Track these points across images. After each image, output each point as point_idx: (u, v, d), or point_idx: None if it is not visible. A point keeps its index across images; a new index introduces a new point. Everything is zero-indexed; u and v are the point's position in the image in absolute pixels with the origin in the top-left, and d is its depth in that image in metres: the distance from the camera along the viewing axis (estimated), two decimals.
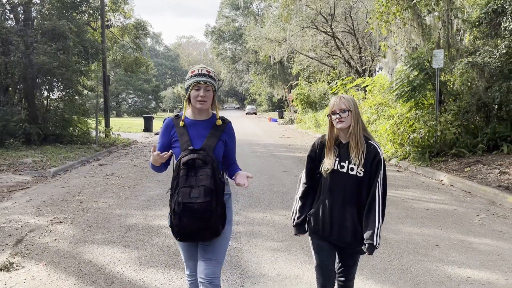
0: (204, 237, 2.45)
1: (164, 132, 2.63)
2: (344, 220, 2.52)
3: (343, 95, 2.60)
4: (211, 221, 2.38)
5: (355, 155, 2.50)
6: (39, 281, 3.83)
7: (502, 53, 9.63)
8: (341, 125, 2.52)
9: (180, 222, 2.38)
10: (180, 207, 2.36)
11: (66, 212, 6.26)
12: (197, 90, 2.53)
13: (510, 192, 7.22)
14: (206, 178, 2.39)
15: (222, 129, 2.61)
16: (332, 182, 2.56)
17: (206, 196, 2.35)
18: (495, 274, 3.97)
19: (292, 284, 3.73)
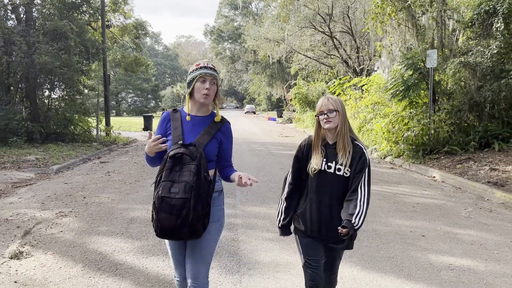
0: (183, 236, 2.36)
1: (161, 124, 2.61)
2: (331, 220, 2.55)
3: (330, 95, 2.65)
4: (188, 219, 2.29)
5: (342, 155, 2.54)
6: (48, 267, 4.09)
7: (493, 53, 9.90)
8: (329, 125, 2.55)
9: (158, 216, 2.31)
10: (158, 201, 2.30)
11: (71, 206, 6.52)
12: (202, 82, 2.47)
13: (499, 188, 7.49)
14: (189, 174, 2.33)
15: (218, 127, 2.56)
16: (319, 182, 2.59)
17: (186, 193, 2.28)
18: (475, 261, 4.24)
19: (285, 270, 3.99)
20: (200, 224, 2.36)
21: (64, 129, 15.15)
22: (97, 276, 3.88)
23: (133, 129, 24.98)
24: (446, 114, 10.95)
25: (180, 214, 2.28)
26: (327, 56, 28.42)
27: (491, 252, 4.49)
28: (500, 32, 10.19)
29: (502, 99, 10.24)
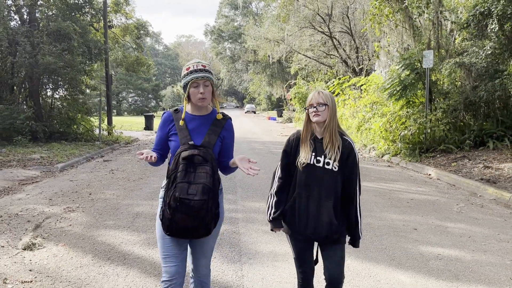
0: (198, 235, 2.43)
1: (163, 125, 2.62)
2: (319, 214, 2.54)
3: (322, 90, 2.65)
4: (205, 220, 2.36)
5: (331, 150, 2.55)
6: (60, 257, 4.33)
7: (487, 53, 10.14)
8: (317, 118, 2.56)
9: (173, 217, 2.33)
10: (176, 202, 2.31)
11: (77, 202, 6.77)
12: (195, 87, 2.49)
13: (491, 185, 7.74)
14: (206, 176, 2.36)
15: (221, 125, 2.59)
16: (308, 176, 2.58)
17: (204, 195, 2.32)
18: (463, 252, 4.49)
19: (283, 259, 4.24)
20: (212, 223, 2.44)
21: (67, 128, 15.41)
22: (107, 265, 4.13)
23: (135, 128, 25.25)
24: (442, 113, 11.19)
25: (198, 216, 2.32)
26: (326, 56, 28.68)
27: (479, 244, 4.74)
28: (494, 33, 10.42)
29: (496, 99, 10.49)
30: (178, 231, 2.38)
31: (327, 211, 2.53)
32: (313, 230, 2.56)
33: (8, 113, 13.44)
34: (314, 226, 2.55)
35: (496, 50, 10.64)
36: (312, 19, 25.66)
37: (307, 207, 2.57)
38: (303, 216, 2.57)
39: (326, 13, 25.50)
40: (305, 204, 2.57)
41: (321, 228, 2.53)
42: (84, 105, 16.41)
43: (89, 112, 16.77)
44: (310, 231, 2.56)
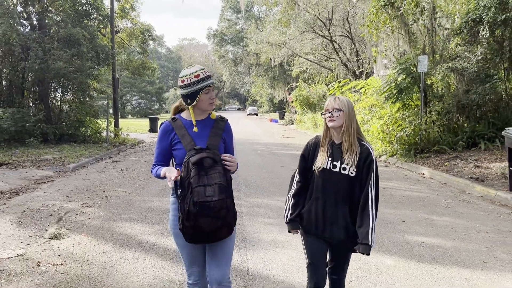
0: (222, 236, 2.46)
1: (163, 136, 2.62)
2: (336, 219, 2.59)
3: (339, 96, 2.69)
4: (227, 218, 2.41)
5: (349, 155, 2.57)
6: (84, 245, 4.86)
7: (478, 59, 10.64)
8: (332, 123, 2.60)
9: (196, 223, 2.34)
10: (196, 207, 2.33)
11: (93, 199, 7.30)
12: (207, 93, 2.56)
13: (479, 183, 8.24)
14: (219, 176, 2.41)
15: (222, 127, 2.65)
16: (325, 181, 2.61)
17: (222, 194, 2.36)
18: (444, 240, 5.00)
19: (283, 246, 4.76)
20: (233, 221, 2.48)
21: (76, 130, 15.96)
22: (126, 251, 4.66)
23: (139, 130, 25.79)
24: (437, 115, 11.70)
25: (219, 216, 2.36)
26: (327, 59, 29.22)
27: (460, 234, 5.25)
28: (485, 39, 10.95)
29: (487, 102, 10.98)
30: (203, 236, 2.40)
31: (343, 215, 2.59)
32: (330, 234, 2.61)
33: (20, 116, 14.00)
34: (331, 230, 2.60)
35: (488, 55, 11.17)
36: (313, 23, 26.22)
37: (324, 211, 2.61)
38: (320, 220, 2.62)
39: (327, 17, 26.06)
40: (322, 208, 2.61)
41: (338, 231, 2.59)
42: (92, 108, 16.97)
43: (96, 115, 17.34)
44: (327, 234, 2.61)
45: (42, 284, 3.83)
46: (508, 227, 5.59)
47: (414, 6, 11.78)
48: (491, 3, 10.70)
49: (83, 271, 4.12)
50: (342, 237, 2.59)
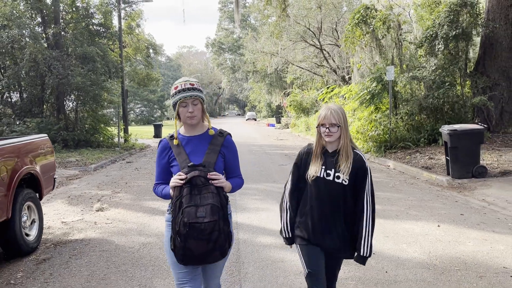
0: (214, 259, 2.38)
1: (161, 154, 2.59)
2: (331, 227, 2.59)
3: (333, 107, 2.63)
4: (218, 242, 2.31)
5: (343, 165, 2.57)
6: (123, 213, 6.87)
7: (432, 69, 12.68)
8: (330, 139, 2.59)
9: (186, 244, 2.27)
10: (186, 228, 2.25)
11: (119, 188, 9.31)
12: (184, 106, 2.47)
13: (427, 170, 10.23)
14: (212, 196, 2.33)
15: (220, 142, 2.55)
16: (319, 190, 2.60)
17: (214, 215, 2.28)
18: (377, 206, 6.99)
19: (262, 210, 6.76)
20: (227, 244, 2.39)
21: (91, 137, 17.98)
22: (153, 215, 6.67)
23: (144, 136, 27.79)
24: (403, 117, 13.72)
25: (210, 239, 2.27)
26: (319, 66, 31.30)
27: (391, 202, 7.24)
28: (441, 51, 13.00)
29: (444, 104, 12.99)
30: (193, 258, 2.33)
31: (338, 224, 2.60)
32: (326, 242, 2.62)
33: (44, 125, 16.05)
34: (327, 238, 2.61)
35: (445, 65, 13.20)
36: (304, 33, 28.32)
37: (320, 220, 2.60)
38: (316, 229, 2.61)
39: (317, 27, 28.15)
40: (318, 217, 2.61)
41: (335, 240, 2.60)
42: (104, 117, 19.03)
43: (107, 122, 19.38)
44: (324, 243, 2.62)
45: (102, 232, 5.84)
46: (431, 197, 7.58)
47: (382, 24, 13.84)
48: (444, 21, 12.77)
49: (127, 225, 6.14)
50: (337, 245, 2.62)
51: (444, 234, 5.34)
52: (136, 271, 4.35)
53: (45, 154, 5.64)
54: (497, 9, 13.10)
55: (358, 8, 15.16)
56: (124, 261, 4.67)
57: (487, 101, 12.27)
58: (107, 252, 5.00)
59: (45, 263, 4.67)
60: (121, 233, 5.76)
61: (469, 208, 6.78)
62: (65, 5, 18.17)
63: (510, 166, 9.61)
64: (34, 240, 5.07)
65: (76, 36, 16.96)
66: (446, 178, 9.14)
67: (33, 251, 4.99)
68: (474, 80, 13.25)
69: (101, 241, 5.44)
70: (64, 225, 6.29)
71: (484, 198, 7.48)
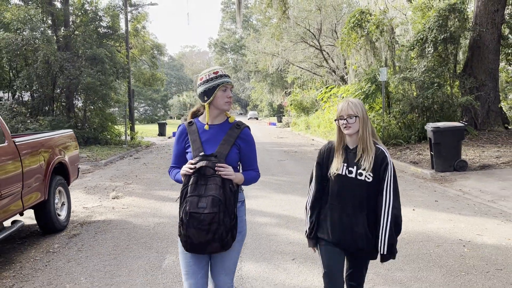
0: (213, 250, 2.40)
1: (178, 139, 2.63)
2: (354, 226, 2.52)
3: (351, 99, 2.60)
4: (218, 233, 2.33)
5: (365, 160, 2.49)
6: (137, 201, 7.73)
7: (422, 70, 13.50)
8: (349, 131, 2.52)
9: (187, 232, 2.34)
10: (187, 217, 2.32)
11: (130, 180, 10.17)
12: (224, 91, 2.52)
13: (414, 165, 11.06)
14: (215, 187, 2.35)
15: (237, 134, 2.55)
16: (341, 187, 2.54)
17: (214, 207, 2.31)
18: None
19: (261, 198, 7.58)
20: (229, 236, 2.39)
21: (99, 134, 18.85)
22: (164, 201, 7.52)
23: (149, 135, 28.66)
24: (396, 115, 14.54)
25: (210, 229, 2.31)
26: (318, 67, 32.14)
27: None
28: (431, 54, 13.82)
29: (433, 104, 13.81)
30: (193, 246, 2.39)
31: (361, 223, 2.52)
32: (347, 242, 2.55)
33: (56, 123, 16.91)
34: (348, 238, 2.54)
35: (434, 67, 14.01)
36: (304, 34, 29.17)
37: (341, 218, 2.55)
38: (337, 228, 2.55)
39: (317, 28, 28.98)
40: (339, 216, 2.55)
41: (358, 239, 2.53)
42: (111, 116, 19.92)
43: (114, 121, 20.26)
44: (347, 242, 2.55)
45: (120, 215, 6.70)
46: (412, 188, 8.42)
47: (375, 28, 14.66)
48: (433, 25, 13.59)
49: (141, 209, 7.00)
50: (360, 245, 2.53)
51: (416, 216, 6.18)
52: (153, 243, 5.20)
53: (71, 147, 6.51)
54: (484, 14, 13.91)
55: (353, 13, 16.01)
56: (142, 235, 5.53)
57: (473, 101, 13.08)
58: (127, 229, 5.85)
59: (75, 237, 5.53)
60: (137, 216, 6.62)
61: (444, 196, 7.62)
62: (75, 9, 19.04)
63: (489, 161, 10.43)
64: (64, 220, 5.93)
65: (85, 38, 17.81)
66: (430, 171, 9.96)
67: (64, 229, 5.85)
68: (462, 81, 14.07)
69: (121, 221, 6.30)
70: (85, 209, 7.16)
71: (461, 188, 8.30)
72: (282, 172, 10.91)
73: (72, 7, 18.93)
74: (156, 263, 4.50)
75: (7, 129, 4.84)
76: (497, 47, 14.02)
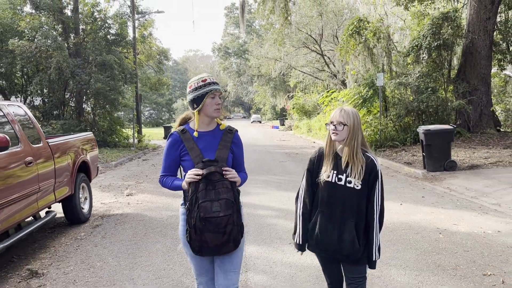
0: (228, 250, 2.49)
1: (171, 148, 2.63)
2: (341, 233, 2.54)
3: (345, 108, 2.62)
4: (233, 234, 2.45)
5: (354, 169, 2.52)
6: (150, 197, 8.44)
7: (417, 76, 14.18)
8: (335, 137, 2.56)
9: (202, 237, 2.41)
10: (202, 222, 2.38)
11: (141, 179, 10.89)
12: (213, 98, 2.56)
13: (408, 165, 11.72)
14: (226, 191, 2.43)
15: (230, 139, 2.65)
16: (330, 194, 2.57)
17: (228, 209, 2.40)
18: None
19: (262, 194, 8.28)
20: (239, 235, 2.53)
21: (108, 137, 19.60)
22: (175, 198, 8.22)
23: (155, 138, 29.40)
24: (392, 119, 15.21)
25: (225, 231, 2.42)
26: (320, 71, 32.85)
27: None
28: (425, 60, 14.50)
29: (428, 107, 14.48)
30: (209, 250, 2.46)
31: (349, 230, 2.54)
32: (334, 249, 2.58)
33: (67, 126, 17.68)
34: (335, 245, 2.56)
35: (429, 72, 14.69)
36: (306, 40, 29.90)
37: (327, 226, 2.57)
38: (324, 235, 2.58)
39: (318, 33, 29.70)
40: (326, 223, 2.58)
41: (343, 246, 2.55)
42: (119, 119, 20.69)
43: (122, 124, 21.02)
44: (331, 250, 2.59)
45: (135, 209, 7.41)
46: (403, 186, 9.09)
47: (372, 35, 15.37)
48: (427, 33, 14.27)
49: (154, 204, 7.72)
50: (347, 251, 2.56)
51: (402, 209, 6.86)
52: (168, 231, 5.91)
53: (92, 147, 7.24)
54: (477, 22, 14.58)
55: (352, 20, 16.71)
56: (157, 225, 6.24)
57: (465, 105, 13.75)
58: (143, 221, 6.57)
59: (98, 227, 6.25)
60: (151, 209, 7.34)
61: (432, 193, 8.29)
62: (84, 17, 19.82)
63: (478, 161, 11.09)
64: (87, 213, 6.65)
65: (95, 45, 18.60)
66: (422, 171, 10.63)
67: (87, 221, 6.57)
68: (456, 85, 14.74)
69: (137, 214, 7.02)
70: (103, 205, 7.88)
71: (449, 186, 8.96)
72: (283, 172, 11.59)
73: (82, 15, 19.71)
74: (171, 246, 5.21)
75: (42, 131, 5.56)
76: (489, 53, 14.68)
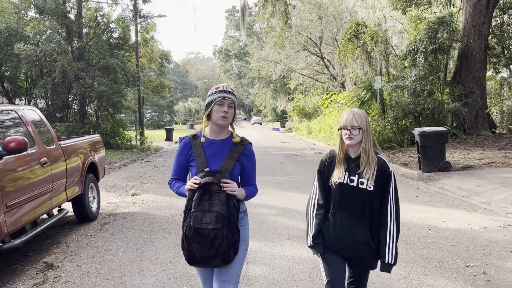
0: (216, 265, 2.47)
1: (181, 152, 2.65)
2: (356, 234, 2.55)
3: (356, 110, 2.63)
4: (221, 248, 2.38)
5: (367, 171, 2.53)
6: (154, 197, 8.78)
7: (413, 79, 14.53)
8: (351, 142, 2.56)
9: (190, 247, 2.41)
10: (190, 232, 2.38)
11: (145, 180, 11.23)
12: (220, 105, 2.55)
13: (405, 166, 12.05)
14: (219, 203, 2.40)
15: (240, 150, 2.61)
16: (342, 196, 2.58)
17: (218, 223, 2.36)
18: None
19: (264, 195, 8.60)
20: (231, 252, 2.45)
21: (111, 139, 19.94)
22: (179, 198, 8.55)
23: (157, 140, 29.76)
24: (390, 121, 15.55)
25: (213, 245, 2.37)
26: (320, 73, 33.22)
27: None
28: (421, 64, 14.85)
29: (424, 110, 14.82)
30: (196, 261, 2.46)
31: (363, 231, 2.56)
32: (351, 250, 2.58)
33: (71, 128, 18.04)
34: (349, 246, 2.57)
35: (426, 75, 15.04)
36: (306, 43, 30.27)
37: (342, 227, 2.58)
38: (339, 236, 2.58)
39: (318, 36, 30.07)
40: (341, 224, 2.58)
41: (359, 247, 2.56)
42: (121, 122, 21.04)
43: (125, 127, 21.37)
44: (348, 250, 2.59)
45: (141, 208, 7.75)
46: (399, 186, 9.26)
47: (370, 39, 15.72)
48: (423, 37, 14.63)
49: (159, 204, 8.06)
50: (361, 254, 2.57)
51: None
52: (173, 228, 6.25)
53: (100, 149, 7.58)
54: (472, 26, 14.94)
55: (350, 24, 17.08)
56: (163, 223, 6.58)
57: (460, 107, 14.09)
58: (149, 219, 6.90)
59: (106, 225, 6.59)
60: (156, 208, 7.68)
61: (425, 192, 8.62)
62: (88, 21, 20.19)
63: (472, 162, 11.42)
64: (95, 211, 6.99)
65: (98, 49, 18.97)
66: (417, 172, 10.97)
67: (95, 219, 6.91)
68: (452, 88, 15.09)
69: (142, 213, 7.36)
70: (110, 204, 8.22)
71: (442, 186, 9.30)
72: (283, 173, 11.93)
73: (85, 19, 20.07)
74: (177, 242, 5.54)
75: (54, 134, 5.90)
76: (484, 57, 15.03)
